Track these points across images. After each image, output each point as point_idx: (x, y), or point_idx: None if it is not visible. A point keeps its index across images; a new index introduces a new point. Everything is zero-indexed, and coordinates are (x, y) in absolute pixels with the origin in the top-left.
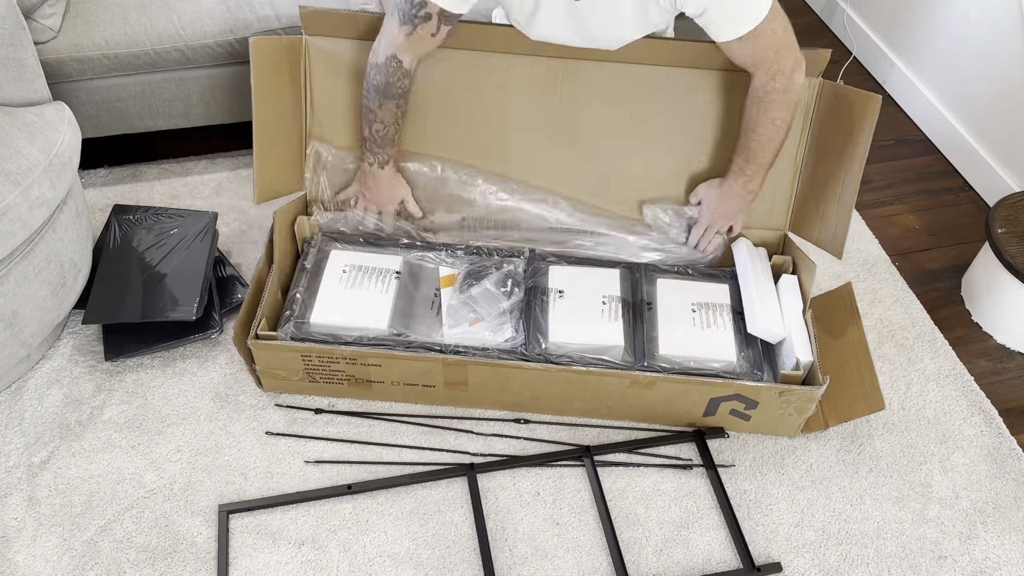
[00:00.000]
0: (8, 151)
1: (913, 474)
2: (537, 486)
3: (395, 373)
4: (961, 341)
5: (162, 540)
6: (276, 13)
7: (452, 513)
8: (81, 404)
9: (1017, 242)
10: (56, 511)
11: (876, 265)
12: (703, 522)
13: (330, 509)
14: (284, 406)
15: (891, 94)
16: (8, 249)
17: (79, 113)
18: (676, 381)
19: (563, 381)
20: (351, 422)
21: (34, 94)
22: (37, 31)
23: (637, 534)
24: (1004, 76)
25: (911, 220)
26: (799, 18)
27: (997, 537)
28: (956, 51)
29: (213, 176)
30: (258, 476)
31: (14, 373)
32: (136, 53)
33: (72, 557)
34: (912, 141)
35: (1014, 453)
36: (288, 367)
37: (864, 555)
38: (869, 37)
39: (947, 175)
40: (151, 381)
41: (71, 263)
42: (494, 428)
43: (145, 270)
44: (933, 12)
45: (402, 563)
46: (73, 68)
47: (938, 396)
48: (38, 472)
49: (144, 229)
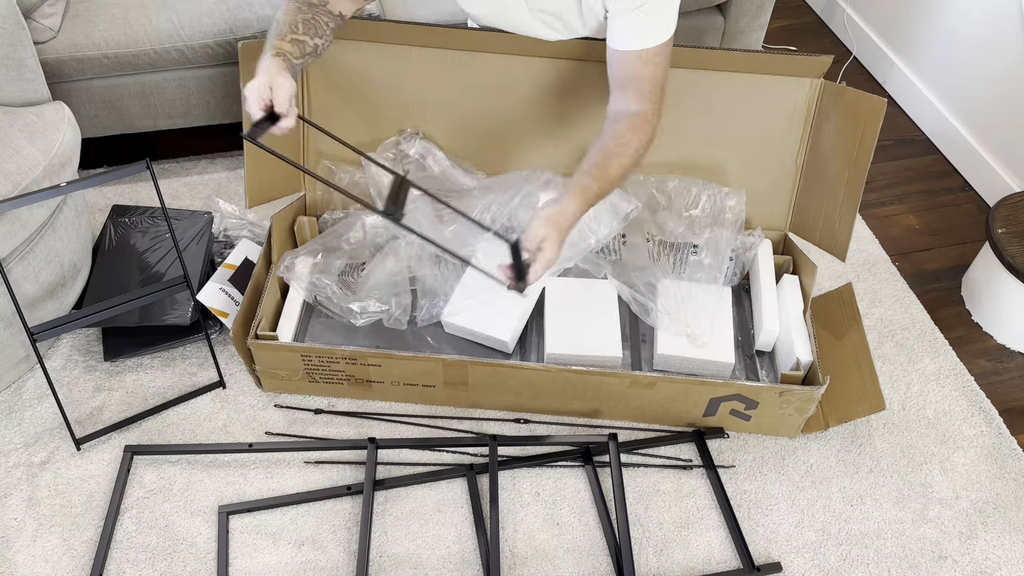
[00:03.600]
0: (8, 151)
1: (913, 474)
2: (537, 486)
3: (395, 373)
4: (961, 341)
5: (162, 540)
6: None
7: (452, 513)
8: (81, 404)
9: (1017, 242)
10: (56, 511)
11: (876, 265)
12: (703, 522)
13: (330, 509)
14: (284, 407)
15: (891, 94)
16: (8, 249)
17: (79, 113)
18: (676, 381)
19: (563, 381)
20: (351, 422)
21: (34, 94)
22: (37, 31)
23: (637, 534)
24: (1004, 76)
25: (911, 220)
26: (799, 18)
27: (997, 537)
28: (956, 51)
29: (213, 176)
30: (258, 476)
31: (14, 373)
32: (136, 53)
33: (72, 557)
34: (912, 141)
35: (1014, 453)
36: (288, 367)
37: (864, 555)
38: (869, 37)
39: (947, 175)
40: (151, 381)
41: (71, 263)
42: (494, 428)
43: (142, 272)
44: (933, 12)
45: (402, 563)
46: (73, 68)
47: (938, 396)
48: (38, 472)
49: (140, 231)
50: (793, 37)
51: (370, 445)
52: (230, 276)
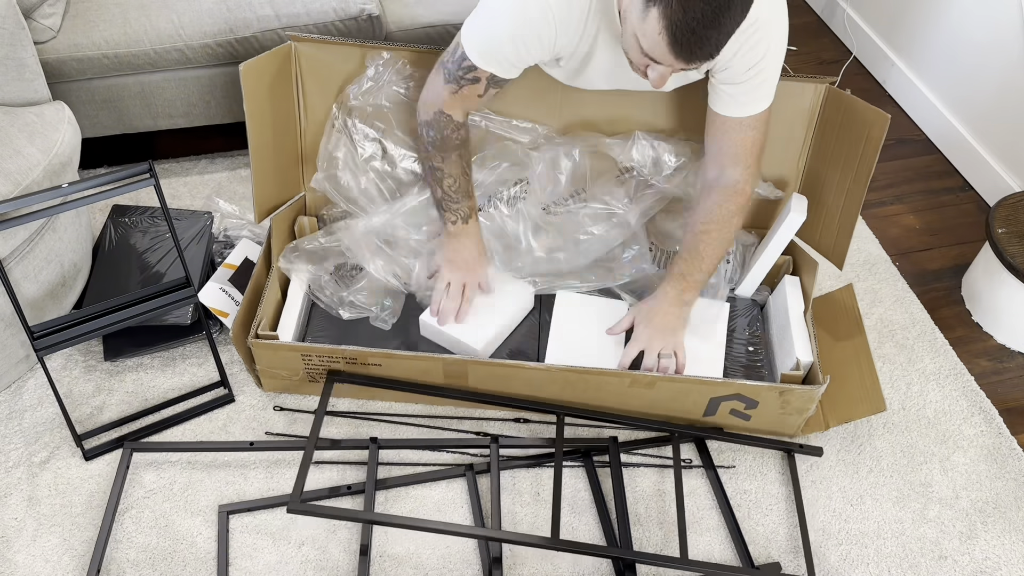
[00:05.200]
0: (8, 151)
1: (913, 474)
2: (537, 486)
3: (395, 373)
4: (961, 341)
5: (162, 540)
6: (276, 12)
7: (452, 513)
8: (81, 404)
9: (1017, 242)
10: (56, 511)
11: (876, 265)
12: (703, 522)
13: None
14: (284, 408)
15: (891, 94)
16: (8, 249)
17: (79, 113)
18: (676, 380)
19: (563, 381)
20: (351, 422)
21: (34, 94)
22: (37, 31)
23: (637, 534)
24: (1004, 75)
25: (911, 220)
26: (799, 18)
27: (997, 537)
28: (956, 51)
29: (213, 176)
30: (258, 476)
31: (14, 373)
32: (136, 53)
33: (72, 557)
34: (912, 141)
35: (1014, 453)
36: (288, 367)
37: (864, 555)
38: (869, 37)
39: (947, 175)
40: (151, 381)
41: (71, 263)
42: (495, 428)
43: (142, 272)
44: (933, 12)
45: (402, 563)
46: (73, 68)
47: (938, 396)
48: (38, 472)
49: (140, 231)
50: (793, 37)
51: (372, 445)
52: (230, 276)
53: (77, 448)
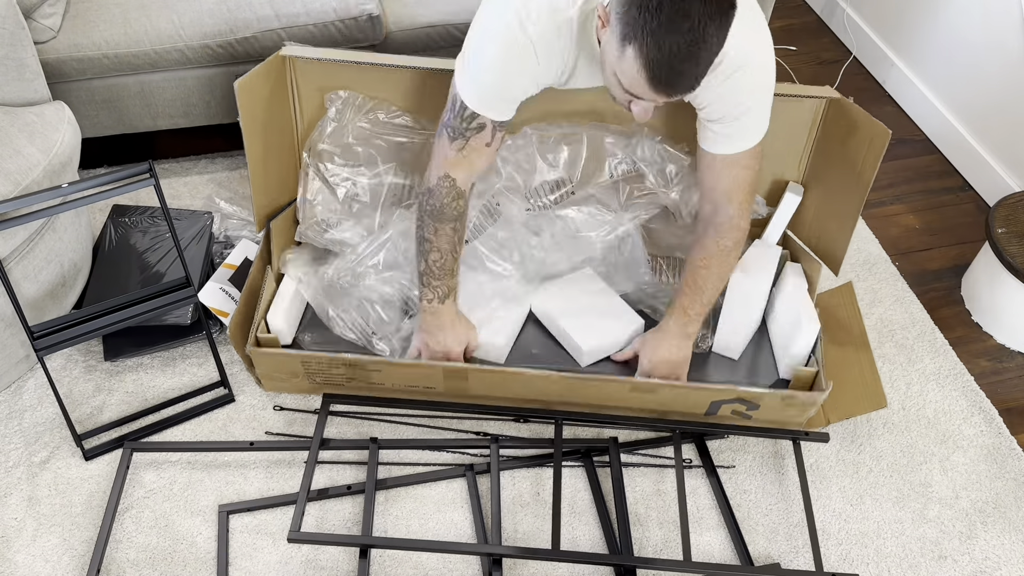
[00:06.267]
0: (8, 151)
1: (913, 474)
2: (537, 486)
3: (395, 379)
4: (961, 341)
5: (162, 540)
6: (276, 12)
7: (452, 513)
8: (81, 404)
9: (1017, 242)
10: (56, 511)
11: (876, 265)
12: (703, 522)
13: (330, 509)
14: (284, 408)
15: (891, 94)
16: (8, 249)
17: (79, 113)
18: (678, 386)
19: (564, 385)
20: (351, 422)
21: (34, 94)
22: (37, 31)
23: (637, 534)
24: (1004, 75)
25: (911, 220)
26: (799, 18)
27: (997, 537)
28: (956, 51)
29: (213, 176)
30: (258, 476)
31: (14, 373)
32: (136, 53)
33: (72, 557)
34: (912, 141)
35: (1014, 453)
36: (288, 370)
37: (864, 555)
38: (869, 37)
39: (947, 175)
40: (151, 381)
41: (71, 263)
42: (495, 428)
43: (142, 272)
44: (933, 12)
45: (402, 563)
46: (73, 68)
47: (938, 396)
48: (38, 472)
49: (140, 231)
50: (793, 37)
51: (372, 445)
52: (230, 276)
53: (77, 448)
